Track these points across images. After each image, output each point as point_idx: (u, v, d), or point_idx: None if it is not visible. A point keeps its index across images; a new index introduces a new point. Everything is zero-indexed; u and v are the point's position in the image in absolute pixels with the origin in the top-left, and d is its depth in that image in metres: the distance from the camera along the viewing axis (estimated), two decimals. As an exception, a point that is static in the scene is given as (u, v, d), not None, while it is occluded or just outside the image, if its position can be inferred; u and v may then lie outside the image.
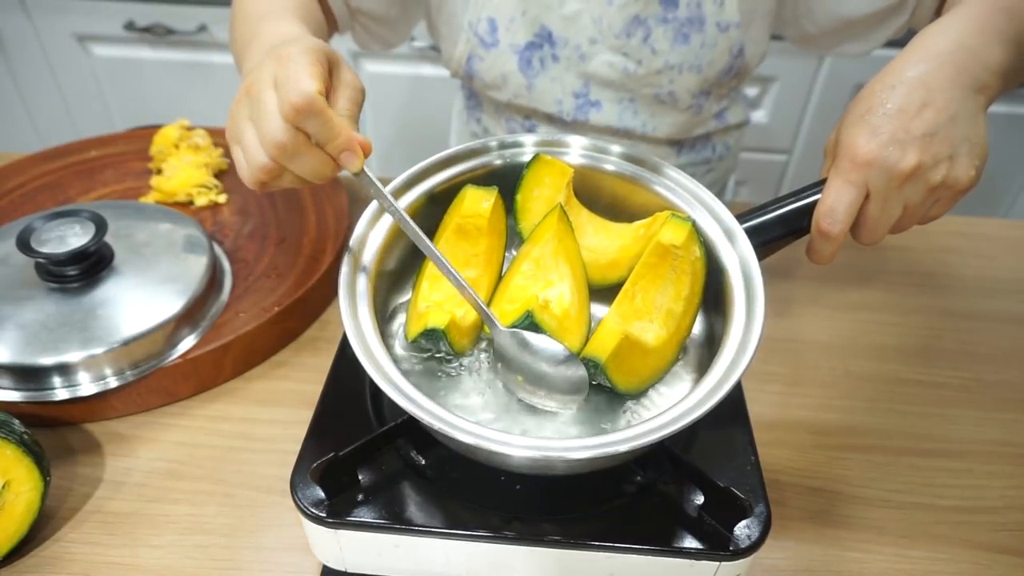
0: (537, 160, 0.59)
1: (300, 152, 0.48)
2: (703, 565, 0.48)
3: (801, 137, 1.65)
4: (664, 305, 0.54)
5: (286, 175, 0.50)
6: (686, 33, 0.81)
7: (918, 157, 0.49)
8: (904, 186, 0.50)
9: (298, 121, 0.46)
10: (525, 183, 0.59)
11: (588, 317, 0.55)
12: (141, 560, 0.56)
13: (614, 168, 0.59)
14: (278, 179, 0.51)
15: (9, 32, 1.59)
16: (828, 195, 0.52)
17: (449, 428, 0.43)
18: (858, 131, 0.51)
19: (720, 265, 0.53)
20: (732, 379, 0.45)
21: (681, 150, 0.96)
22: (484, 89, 0.90)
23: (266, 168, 0.49)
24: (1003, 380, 0.74)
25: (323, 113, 0.47)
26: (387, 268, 0.56)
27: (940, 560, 0.58)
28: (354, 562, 0.51)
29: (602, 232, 0.60)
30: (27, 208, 0.87)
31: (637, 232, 0.58)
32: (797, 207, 0.54)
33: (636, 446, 0.42)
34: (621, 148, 0.59)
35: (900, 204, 0.52)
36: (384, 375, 0.46)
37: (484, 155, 0.60)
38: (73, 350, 0.63)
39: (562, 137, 0.60)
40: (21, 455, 0.54)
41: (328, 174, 0.50)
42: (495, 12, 0.83)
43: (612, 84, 0.85)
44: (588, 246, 0.59)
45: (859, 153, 0.50)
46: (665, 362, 0.54)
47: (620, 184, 0.60)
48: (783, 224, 0.55)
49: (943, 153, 0.50)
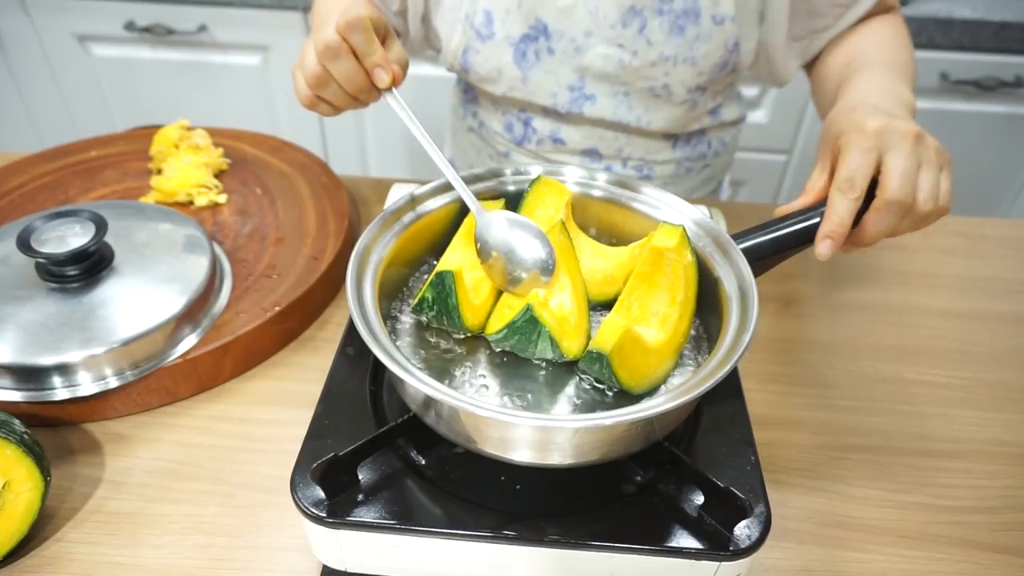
0: (539, 181, 0.62)
1: (341, 56, 0.58)
2: (703, 565, 0.48)
3: (801, 137, 1.66)
4: (660, 311, 0.56)
5: (330, 87, 0.60)
6: (681, 25, 0.81)
7: (915, 126, 0.57)
8: (916, 144, 0.55)
9: (347, 32, 0.57)
10: (527, 202, 0.62)
11: (588, 327, 0.56)
12: (141, 560, 0.56)
13: (602, 194, 0.64)
14: (324, 88, 0.61)
15: (9, 32, 1.60)
16: (843, 166, 0.55)
17: (457, 401, 0.44)
18: (860, 119, 0.57)
19: (713, 273, 0.55)
20: (732, 359, 0.47)
21: (676, 144, 0.96)
22: (479, 83, 0.91)
23: (316, 74, 0.59)
24: (1003, 380, 0.75)
25: (368, 31, 0.58)
26: (392, 274, 0.58)
27: (940, 560, 0.58)
28: (354, 562, 0.52)
29: (599, 255, 0.63)
30: (27, 208, 0.87)
31: (632, 252, 0.61)
32: (792, 231, 0.56)
33: (631, 419, 0.43)
34: (605, 175, 0.64)
35: (916, 158, 0.55)
36: (390, 355, 0.46)
37: (492, 179, 0.64)
38: (73, 350, 0.63)
39: (557, 168, 0.65)
40: (21, 455, 0.54)
41: (361, 84, 0.60)
42: (491, 4, 0.83)
43: (607, 77, 0.86)
44: (586, 266, 0.61)
45: (868, 125, 0.56)
46: (666, 365, 0.54)
47: (612, 211, 0.64)
48: (775, 246, 0.57)
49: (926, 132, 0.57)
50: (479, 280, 0.58)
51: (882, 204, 0.54)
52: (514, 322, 0.52)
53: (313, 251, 0.81)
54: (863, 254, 0.90)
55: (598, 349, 0.50)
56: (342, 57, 0.58)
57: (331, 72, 0.59)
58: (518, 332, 0.53)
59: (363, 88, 0.60)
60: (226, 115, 1.63)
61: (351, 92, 0.61)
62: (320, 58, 0.58)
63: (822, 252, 0.55)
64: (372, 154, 1.78)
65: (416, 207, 0.60)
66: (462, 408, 0.44)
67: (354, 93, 0.61)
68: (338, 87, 0.60)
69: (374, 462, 0.52)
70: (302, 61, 0.61)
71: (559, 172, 0.65)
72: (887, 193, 0.54)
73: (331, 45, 0.57)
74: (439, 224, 0.62)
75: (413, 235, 0.60)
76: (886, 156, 0.55)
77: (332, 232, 0.84)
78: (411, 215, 0.60)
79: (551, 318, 0.53)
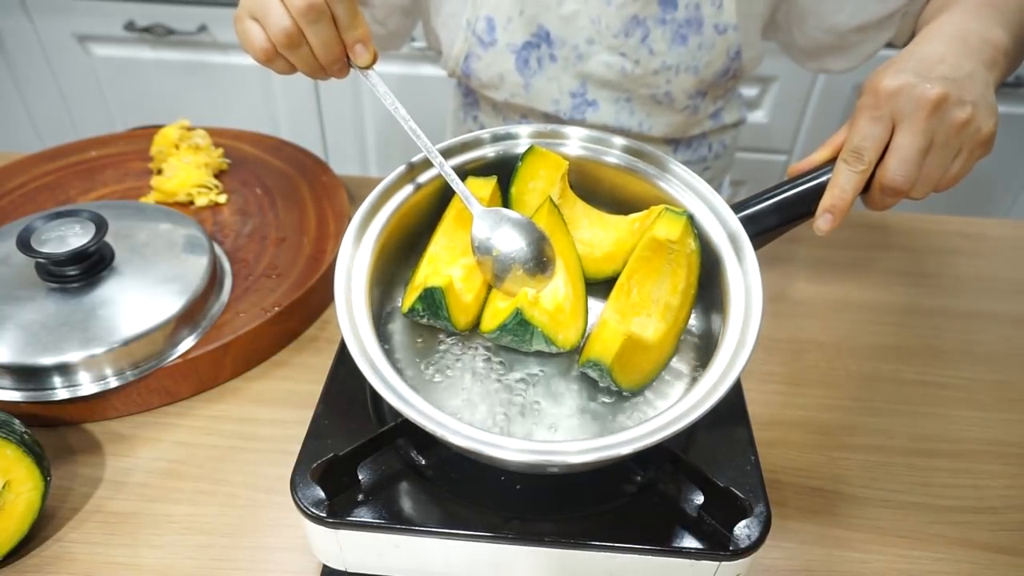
0: (531, 152, 0.58)
1: (321, 20, 0.52)
2: (703, 565, 0.48)
3: (801, 137, 1.65)
4: (661, 299, 0.54)
5: (300, 50, 0.54)
6: (684, 34, 0.81)
7: (944, 88, 0.49)
8: (931, 118, 0.49)
9: None
10: (519, 175, 0.58)
11: (585, 309, 0.55)
12: (142, 560, 0.56)
13: (615, 160, 0.59)
14: (294, 50, 0.54)
15: (9, 32, 1.59)
16: (854, 133, 0.51)
17: (445, 432, 0.43)
18: (881, 74, 0.51)
19: (719, 261, 0.53)
20: (730, 378, 0.45)
21: (677, 149, 0.96)
22: (481, 89, 0.91)
23: (287, 31, 0.53)
24: (1003, 380, 0.74)
25: (353, 3, 0.53)
26: (383, 268, 0.56)
27: (940, 560, 0.58)
28: (354, 562, 0.52)
29: (597, 225, 0.60)
30: (27, 208, 0.87)
31: (632, 225, 0.58)
32: (796, 192, 0.54)
33: (636, 448, 0.42)
34: (623, 141, 0.59)
35: (928, 137, 0.50)
36: (380, 376, 0.45)
37: (477, 148, 0.59)
38: (73, 350, 0.63)
39: (559, 128, 0.60)
40: (21, 455, 0.54)
41: (336, 55, 0.55)
42: (493, 11, 0.83)
43: (609, 84, 0.86)
44: (583, 239, 0.59)
45: (883, 86, 0.50)
46: (665, 356, 0.54)
47: (620, 177, 0.59)
48: (781, 212, 0.54)
49: (966, 96, 0.50)
50: (471, 270, 0.56)
51: (877, 185, 0.52)
52: (505, 324, 0.52)
53: (313, 251, 0.81)
54: (861, 249, 0.90)
55: (599, 360, 0.50)
56: (323, 22, 0.53)
57: (306, 35, 0.54)
58: (511, 333, 0.52)
59: (336, 59, 0.55)
60: (226, 115, 1.62)
61: (323, 62, 0.55)
62: (299, 16, 0.52)
63: (820, 227, 0.52)
64: (372, 154, 1.78)
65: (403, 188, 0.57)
66: (445, 438, 0.43)
67: (326, 64, 0.56)
68: (309, 52, 0.55)
69: (374, 462, 0.52)
70: (263, 9, 0.54)
71: (558, 136, 0.60)
72: (884, 176, 0.51)
73: (315, 5, 0.52)
74: (429, 203, 0.59)
75: (404, 216, 0.56)
76: (897, 128, 0.50)
77: (332, 232, 0.84)
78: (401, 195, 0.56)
79: (543, 316, 0.52)
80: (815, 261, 0.89)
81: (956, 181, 0.53)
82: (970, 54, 0.53)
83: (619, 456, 0.42)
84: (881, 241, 0.93)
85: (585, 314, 0.55)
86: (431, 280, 0.52)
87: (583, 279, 0.56)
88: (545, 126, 0.60)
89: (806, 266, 0.88)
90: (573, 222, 0.59)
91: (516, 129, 0.60)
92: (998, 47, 0.55)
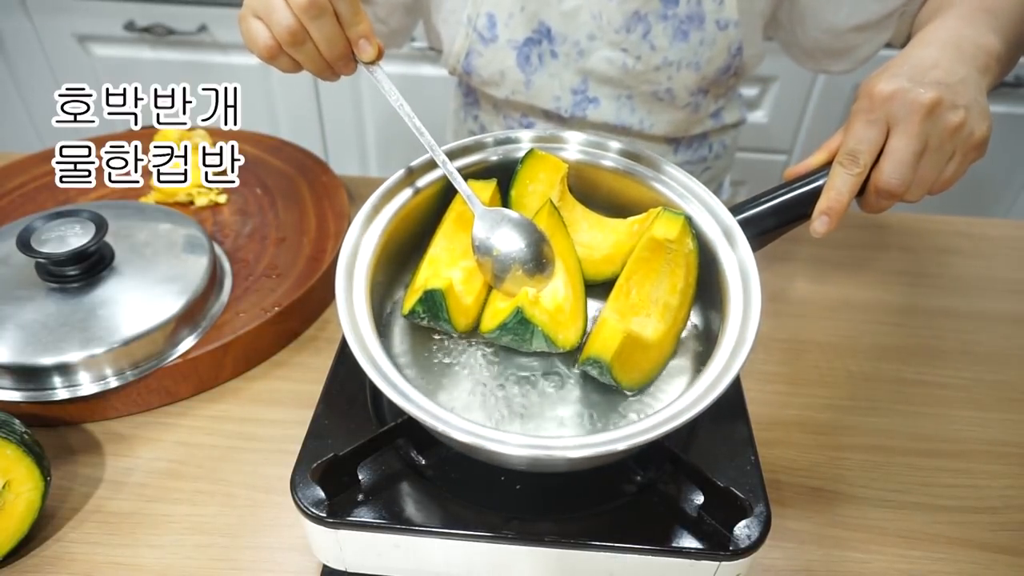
0: (531, 156, 0.59)
1: (323, 16, 0.52)
2: (703, 565, 0.48)
3: (801, 137, 1.65)
4: (660, 299, 0.55)
5: (305, 47, 0.54)
6: (685, 30, 0.81)
7: (937, 93, 0.50)
8: (925, 121, 0.50)
9: None
10: (519, 178, 0.59)
11: (584, 310, 0.55)
12: (142, 560, 0.56)
13: (612, 164, 0.60)
14: (298, 47, 0.54)
15: (9, 32, 1.59)
16: (849, 137, 0.52)
17: (446, 427, 0.43)
18: (876, 78, 0.52)
19: (716, 261, 0.53)
20: (729, 376, 0.45)
21: (678, 148, 0.96)
22: (482, 86, 0.91)
23: (291, 29, 0.53)
24: (1003, 380, 0.74)
25: (357, 1, 0.53)
26: (383, 270, 0.56)
27: (940, 560, 0.58)
28: (354, 562, 0.52)
29: (596, 228, 0.60)
30: (27, 208, 0.87)
31: (631, 228, 0.59)
32: (793, 195, 0.54)
33: (634, 444, 0.42)
34: (619, 144, 0.60)
35: (922, 140, 0.51)
36: (381, 372, 0.46)
37: (479, 151, 0.60)
38: (73, 350, 0.63)
39: (559, 133, 0.61)
40: (21, 455, 0.54)
41: (341, 51, 0.55)
42: (494, 7, 0.83)
43: (610, 81, 0.86)
44: (582, 242, 0.59)
45: (878, 91, 0.51)
46: (664, 355, 0.54)
47: (617, 180, 0.60)
48: (778, 214, 0.54)
49: (959, 100, 0.51)
50: (471, 272, 0.56)
51: (872, 188, 0.52)
52: (506, 323, 0.52)
53: (313, 251, 0.81)
54: (861, 249, 0.90)
55: (598, 357, 0.50)
56: (325, 18, 0.53)
57: (310, 31, 0.54)
58: (511, 332, 0.53)
59: (342, 55, 0.55)
60: (226, 115, 1.62)
61: (328, 58, 0.56)
62: (301, 12, 0.53)
63: (817, 229, 0.53)
64: (372, 154, 1.78)
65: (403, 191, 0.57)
66: (447, 433, 0.43)
67: (331, 60, 0.56)
68: (313, 49, 0.55)
69: (374, 462, 0.52)
70: (267, 7, 0.54)
71: (557, 140, 0.61)
72: (879, 179, 0.52)
73: (317, 1, 0.52)
74: (429, 206, 0.59)
75: (404, 219, 0.57)
76: (891, 132, 0.51)
77: (332, 232, 0.84)
78: (401, 198, 0.57)
79: (543, 315, 0.52)
80: (815, 261, 0.89)
81: (950, 184, 0.53)
82: (963, 59, 0.54)
83: (617, 451, 0.42)
84: (881, 241, 0.93)
85: (585, 314, 0.55)
86: (431, 282, 0.52)
87: (583, 280, 0.57)
88: (545, 131, 0.61)
89: (806, 266, 0.88)
90: (572, 225, 0.59)
91: (517, 134, 0.61)
92: (991, 53, 0.56)
